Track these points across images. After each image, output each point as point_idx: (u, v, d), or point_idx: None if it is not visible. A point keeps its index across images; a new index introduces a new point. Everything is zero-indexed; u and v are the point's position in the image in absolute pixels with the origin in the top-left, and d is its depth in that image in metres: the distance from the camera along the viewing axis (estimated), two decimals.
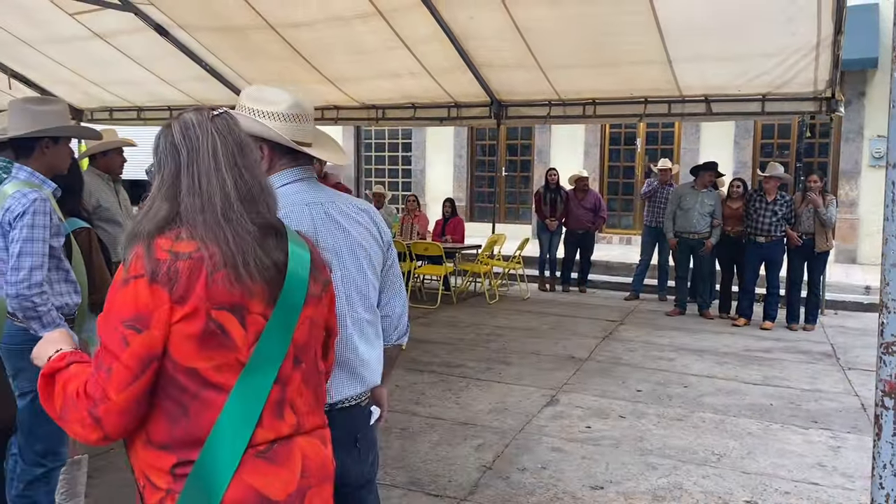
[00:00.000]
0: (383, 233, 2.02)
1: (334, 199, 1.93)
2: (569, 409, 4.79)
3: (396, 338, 2.12)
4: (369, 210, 2.01)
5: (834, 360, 6.30)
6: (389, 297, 2.07)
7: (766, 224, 7.61)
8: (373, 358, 1.97)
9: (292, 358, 1.43)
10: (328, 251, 1.81)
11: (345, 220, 1.91)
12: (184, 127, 1.45)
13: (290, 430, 1.43)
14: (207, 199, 1.39)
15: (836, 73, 7.52)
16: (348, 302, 1.89)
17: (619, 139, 13.23)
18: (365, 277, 1.93)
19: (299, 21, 7.88)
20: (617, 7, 6.69)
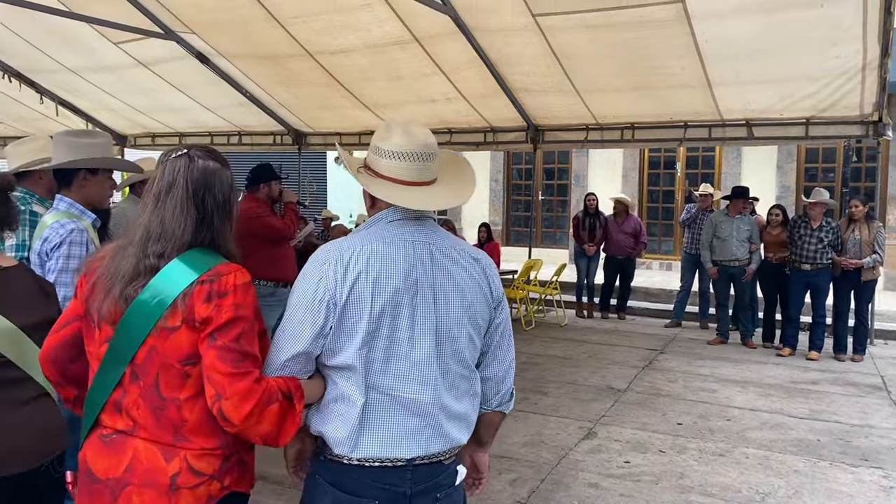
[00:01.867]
0: (494, 288, 1.86)
1: (444, 243, 1.82)
2: (607, 442, 4.67)
3: (497, 404, 1.94)
4: (483, 261, 1.86)
5: (885, 394, 6.06)
6: (493, 358, 1.89)
7: (811, 251, 7.41)
8: (462, 415, 1.80)
9: (132, 372, 1.66)
10: (424, 291, 1.73)
11: (450, 264, 1.79)
12: (160, 162, 1.78)
13: (125, 427, 1.67)
14: (134, 229, 1.73)
15: (883, 96, 7.33)
16: (438, 350, 1.75)
17: (659, 163, 13.07)
18: (460, 328, 1.77)
19: (337, 48, 7.96)
20: (655, 31, 6.62)
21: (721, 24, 6.36)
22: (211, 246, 1.73)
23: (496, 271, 1.90)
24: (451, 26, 7.14)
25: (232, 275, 1.67)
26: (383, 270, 1.71)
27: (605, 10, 6.46)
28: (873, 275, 7.42)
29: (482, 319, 1.82)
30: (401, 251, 1.74)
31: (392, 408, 1.70)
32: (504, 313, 1.90)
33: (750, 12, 6.13)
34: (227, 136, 11.26)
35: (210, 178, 1.73)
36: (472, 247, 1.90)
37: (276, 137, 11.16)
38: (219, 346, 1.60)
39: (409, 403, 1.71)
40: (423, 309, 1.73)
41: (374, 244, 1.74)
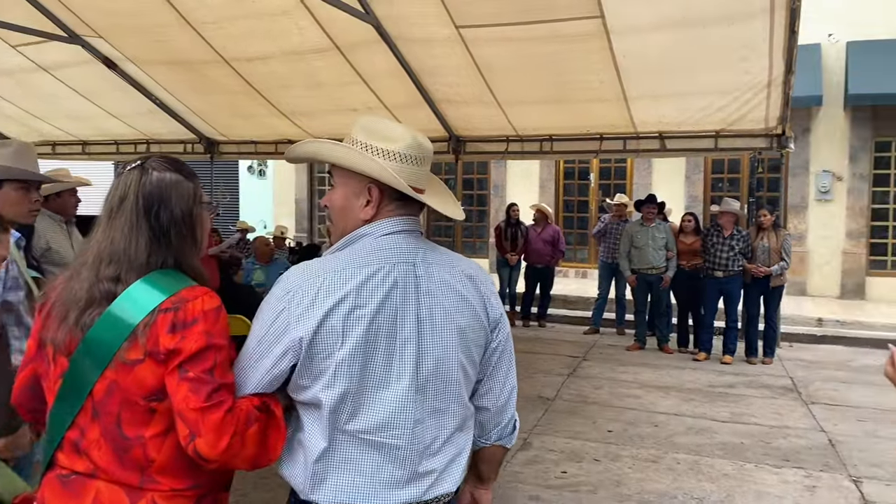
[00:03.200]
0: (491, 308, 1.64)
1: (434, 259, 1.60)
2: (542, 452, 4.68)
3: (497, 437, 1.73)
4: (478, 277, 1.65)
5: (796, 395, 6.35)
6: (490, 386, 1.67)
7: (723, 259, 7.70)
8: (451, 459, 1.59)
9: (91, 410, 1.51)
10: (405, 322, 1.53)
11: (437, 286, 1.57)
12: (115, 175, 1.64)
13: (85, 469, 1.52)
14: (87, 249, 1.58)
15: (786, 110, 7.72)
16: (420, 388, 1.53)
17: (574, 174, 13.36)
18: (451, 360, 1.56)
19: (254, 55, 7.74)
20: (575, 45, 6.74)
21: (638, 39, 6.54)
22: (176, 267, 1.57)
23: (493, 287, 1.70)
24: (374, 35, 7.06)
25: (199, 300, 1.51)
26: (358, 302, 1.50)
27: (526, 24, 6.54)
28: (781, 281, 7.80)
29: (477, 346, 1.62)
30: (380, 276, 1.53)
31: (363, 452, 1.52)
32: (503, 334, 1.68)
33: (666, 28, 6.33)
34: (135, 144, 10.78)
35: (166, 192, 1.56)
36: (467, 260, 1.69)
37: (186, 146, 10.74)
38: (191, 379, 1.45)
39: (383, 448, 1.52)
40: (403, 342, 1.53)
41: (349, 270, 1.53)
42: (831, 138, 11.47)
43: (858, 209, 11.42)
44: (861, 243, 11.45)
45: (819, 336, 9.16)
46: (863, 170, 11.37)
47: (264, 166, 15.35)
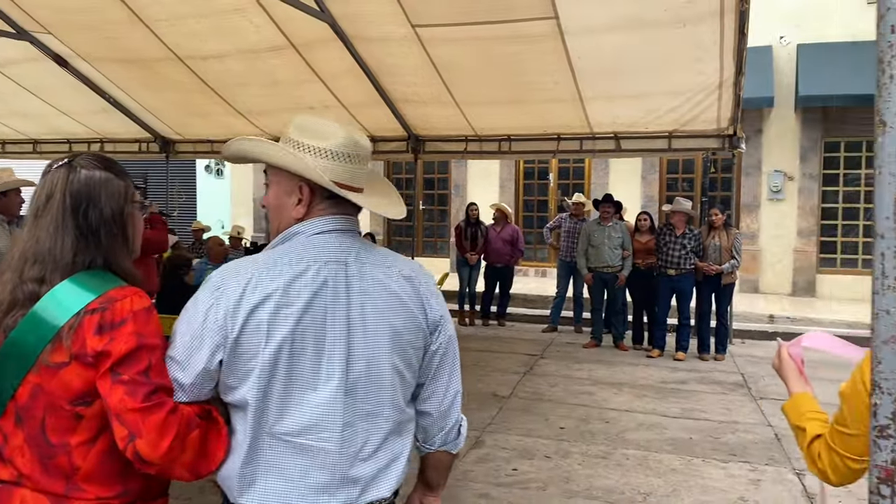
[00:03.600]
0: (431, 309, 1.60)
1: (369, 258, 1.57)
2: (494, 450, 4.72)
3: (441, 442, 1.68)
4: (417, 278, 1.60)
5: (746, 390, 6.49)
6: (432, 390, 1.63)
7: (675, 257, 7.84)
8: (387, 464, 1.56)
9: (14, 415, 1.48)
10: (335, 322, 1.50)
11: (370, 286, 1.54)
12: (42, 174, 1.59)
13: (9, 477, 1.48)
14: (12, 250, 1.55)
15: (737, 111, 7.87)
16: (350, 390, 1.50)
17: (533, 174, 13.46)
18: (383, 363, 1.53)
19: (209, 53, 7.66)
20: (531, 46, 6.79)
21: (592, 40, 6.61)
22: (105, 268, 1.54)
23: (434, 288, 1.64)
24: (329, 33, 7.03)
25: (127, 300, 1.48)
26: (284, 299, 1.47)
27: (482, 24, 6.57)
28: (732, 279, 7.96)
29: (414, 348, 1.58)
30: (309, 274, 1.50)
31: (290, 456, 1.49)
32: (444, 336, 1.62)
33: (619, 30, 6.40)
34: (88, 143, 10.58)
35: (95, 191, 1.53)
36: (406, 260, 1.65)
37: (141, 145, 10.59)
38: (126, 381, 1.41)
39: (311, 452, 1.49)
40: (332, 343, 1.49)
41: (278, 267, 1.51)
42: (783, 139, 11.74)
43: (809, 208, 11.71)
44: (812, 242, 11.73)
45: (770, 332, 9.35)
46: (813, 170, 11.65)
47: (222, 165, 15.18)
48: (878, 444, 1.02)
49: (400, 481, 1.59)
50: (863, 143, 11.54)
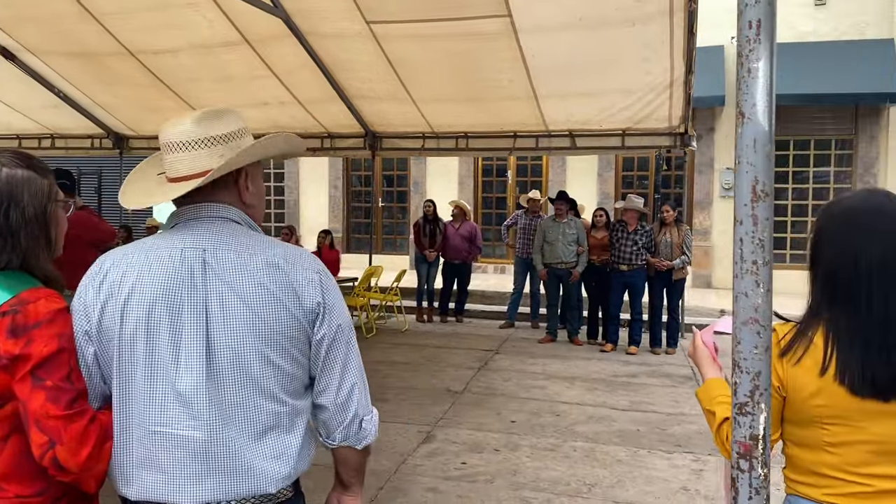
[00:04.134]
0: (306, 297, 1.51)
1: (231, 246, 1.51)
2: (444, 444, 4.76)
3: (342, 437, 1.60)
4: (286, 267, 1.51)
5: (694, 383, 6.63)
6: (327, 382, 1.56)
7: (627, 253, 7.97)
8: (272, 454, 1.49)
9: None
10: (191, 309, 1.46)
11: (230, 274, 1.48)
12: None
13: None
14: None
15: (688, 110, 8.02)
16: (214, 378, 1.45)
17: (492, 171, 13.55)
18: (248, 350, 1.46)
19: (161, 48, 7.57)
20: (485, 44, 6.85)
21: (545, 38, 6.70)
22: (23, 269, 1.51)
23: (313, 276, 1.54)
24: (283, 29, 7.01)
25: (41, 301, 1.45)
26: (137, 286, 1.46)
27: (436, 21, 6.61)
28: (683, 274, 8.12)
29: (286, 337, 1.50)
30: (164, 261, 1.48)
31: (161, 446, 1.45)
32: (330, 326, 1.54)
33: (571, 29, 6.49)
34: (38, 139, 10.40)
35: (16, 190, 1.49)
36: (280, 248, 1.56)
37: (94, 141, 10.42)
38: (49, 387, 1.39)
39: (179, 441, 1.45)
40: (189, 330, 1.45)
41: (136, 254, 1.51)
42: (734, 137, 11.96)
43: None
44: None
45: None
46: None
47: None
48: (737, 421, 1.08)
49: (289, 477, 1.51)
50: (811, 142, 11.86)
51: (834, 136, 11.66)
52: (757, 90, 1.01)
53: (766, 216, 1.02)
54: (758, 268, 1.02)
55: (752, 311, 1.03)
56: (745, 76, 1.02)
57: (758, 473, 1.07)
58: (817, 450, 1.49)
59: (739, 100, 1.03)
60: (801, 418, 1.49)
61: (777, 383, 1.49)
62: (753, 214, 1.02)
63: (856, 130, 11.49)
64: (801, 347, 1.49)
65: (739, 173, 1.04)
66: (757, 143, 1.02)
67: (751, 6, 1.03)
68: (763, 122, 1.01)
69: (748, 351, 1.06)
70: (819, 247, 1.54)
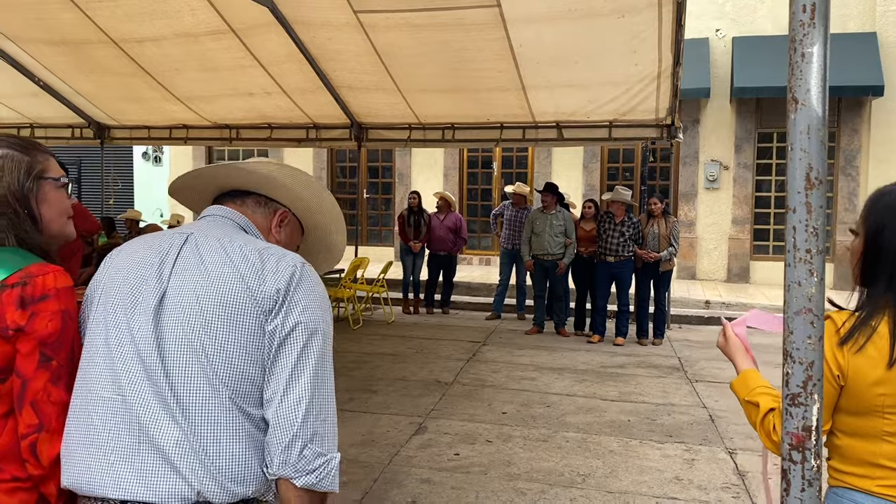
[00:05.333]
0: (267, 281, 1.36)
1: (210, 233, 1.48)
2: (437, 436, 4.74)
3: (279, 465, 1.31)
4: (263, 252, 1.41)
5: (682, 374, 6.67)
6: (272, 390, 1.33)
7: (614, 245, 7.98)
8: (220, 456, 1.30)
9: None
10: (148, 294, 1.39)
11: (206, 250, 1.43)
12: None
13: None
14: None
15: (675, 101, 8.04)
16: (153, 368, 1.32)
17: (477, 162, 13.51)
18: (193, 341, 1.33)
19: (144, 37, 7.45)
20: (474, 34, 6.81)
21: (534, 29, 6.67)
22: (20, 245, 1.48)
23: (287, 266, 1.39)
24: (269, 17, 6.92)
25: (50, 275, 1.42)
26: (117, 259, 1.49)
27: (424, 11, 6.55)
28: (670, 265, 8.16)
29: (233, 329, 1.33)
30: (147, 243, 1.50)
31: (93, 431, 1.33)
32: (286, 320, 1.34)
33: (559, 19, 6.47)
34: (18, 128, 10.22)
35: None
36: (267, 245, 1.46)
37: (74, 130, 10.27)
38: (54, 368, 1.38)
39: (110, 429, 1.32)
40: (141, 316, 1.37)
41: (131, 243, 1.54)
42: (719, 129, 12.06)
43: (743, 197, 12.06)
44: (746, 229, 12.10)
45: (706, 318, 9.64)
46: (747, 159, 12.00)
47: (160, 152, 14.81)
48: (789, 412, 1.06)
49: (236, 495, 1.30)
50: None
51: None
52: (811, 75, 0.98)
53: (819, 204, 0.99)
54: (811, 256, 0.99)
55: (805, 300, 1.00)
56: (798, 61, 0.99)
57: (811, 465, 1.05)
58: (875, 440, 1.48)
59: (793, 85, 1.00)
60: (861, 407, 1.48)
61: (837, 372, 1.48)
62: (807, 202, 0.99)
63: (838, 123, 11.59)
64: (864, 335, 1.47)
65: (792, 160, 1.01)
66: (811, 130, 0.99)
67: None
68: (817, 107, 0.98)
69: (801, 341, 1.03)
70: (881, 235, 1.52)
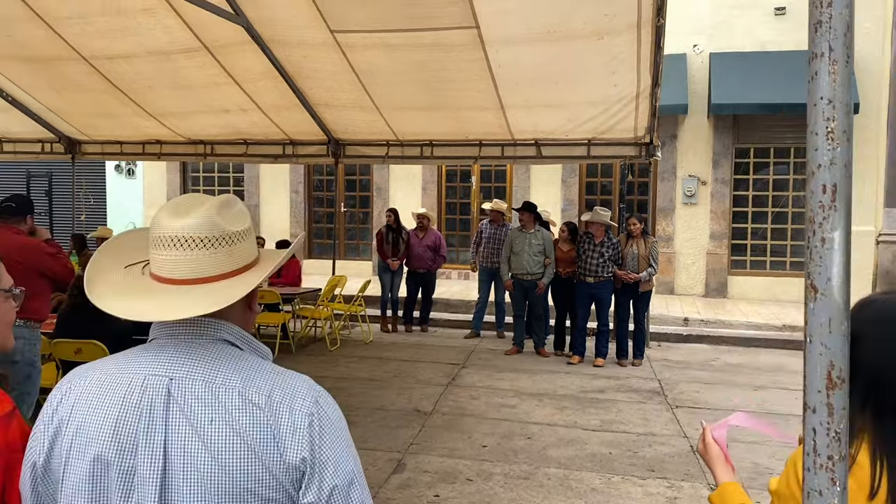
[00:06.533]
0: (287, 450, 1.16)
1: (201, 374, 1.19)
2: (416, 474, 4.64)
3: None
4: (266, 406, 1.18)
5: (662, 398, 6.63)
6: None
7: (594, 265, 7.94)
8: None
9: None
10: (146, 455, 1.16)
11: (201, 411, 1.16)
12: None
13: None
14: None
15: (653, 121, 8.04)
16: None
17: (456, 176, 13.44)
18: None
19: (116, 54, 7.30)
20: (453, 54, 6.75)
21: (513, 50, 6.62)
22: None
23: (302, 421, 1.18)
24: (245, 36, 6.81)
25: None
26: (85, 424, 1.18)
27: (403, 31, 6.48)
28: (649, 286, 8.14)
29: (260, 499, 1.16)
30: (121, 391, 1.19)
31: None
32: (321, 490, 1.16)
33: (538, 41, 6.43)
34: None
35: None
36: (268, 384, 1.20)
37: (45, 145, 10.05)
38: None
39: None
40: (143, 483, 1.15)
41: (93, 378, 1.22)
42: (696, 145, 12.10)
43: (720, 212, 12.11)
44: (723, 244, 12.15)
45: (685, 335, 9.64)
46: (724, 175, 12.05)
47: (133, 165, 14.57)
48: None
49: None
50: (770, 150, 12.01)
51: (793, 145, 11.81)
52: (833, 263, 0.85)
53: (843, 406, 0.88)
54: (833, 464, 0.86)
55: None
56: (817, 246, 0.87)
57: None
58: None
59: (811, 271, 0.88)
60: None
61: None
62: (829, 404, 0.87)
63: None
64: None
65: (811, 356, 0.87)
66: (832, 323, 0.85)
67: None
68: (839, 298, 0.84)
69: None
70: (857, 347, 1.34)
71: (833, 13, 0.89)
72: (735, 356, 8.72)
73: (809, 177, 0.90)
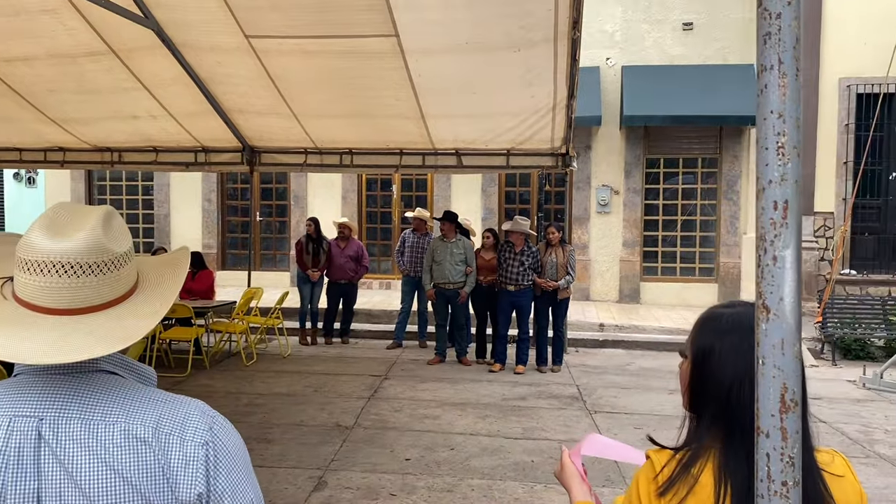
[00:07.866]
0: (179, 485, 1.07)
1: (76, 413, 1.07)
2: (338, 491, 4.53)
3: None
4: (153, 441, 1.07)
5: (581, 404, 6.73)
6: None
7: (514, 273, 8.02)
8: None
9: None
10: (19, 501, 1.04)
11: (73, 456, 1.05)
12: None
13: None
14: None
15: (570, 132, 8.19)
16: None
17: (376, 185, 13.34)
18: None
19: (14, 56, 6.89)
20: (372, 62, 6.69)
21: (432, 60, 6.61)
22: None
23: (196, 453, 1.08)
24: (154, 40, 6.56)
25: None
26: None
27: (321, 38, 6.37)
28: (567, 293, 8.27)
29: None
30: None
31: None
32: None
33: (457, 52, 6.44)
34: None
35: None
36: (154, 416, 1.10)
37: None
38: None
39: None
40: None
41: None
42: (609, 155, 12.42)
43: (633, 220, 12.46)
44: (635, 251, 12.49)
45: (601, 340, 9.85)
46: (636, 184, 12.41)
47: (34, 173, 13.83)
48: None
49: None
50: (679, 160, 12.45)
51: (700, 155, 12.29)
52: (784, 282, 0.83)
53: (796, 429, 0.86)
54: (788, 490, 0.83)
55: None
56: (769, 265, 0.82)
57: None
58: None
59: (762, 290, 0.86)
60: None
61: None
62: (782, 428, 0.84)
63: (720, 150, 12.17)
64: (685, 486, 1.24)
65: (764, 378, 0.83)
66: (785, 345, 0.82)
67: None
68: (791, 318, 0.83)
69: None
70: (704, 366, 1.30)
71: (782, 25, 0.88)
72: (649, 360, 8.95)
73: (760, 193, 0.88)
